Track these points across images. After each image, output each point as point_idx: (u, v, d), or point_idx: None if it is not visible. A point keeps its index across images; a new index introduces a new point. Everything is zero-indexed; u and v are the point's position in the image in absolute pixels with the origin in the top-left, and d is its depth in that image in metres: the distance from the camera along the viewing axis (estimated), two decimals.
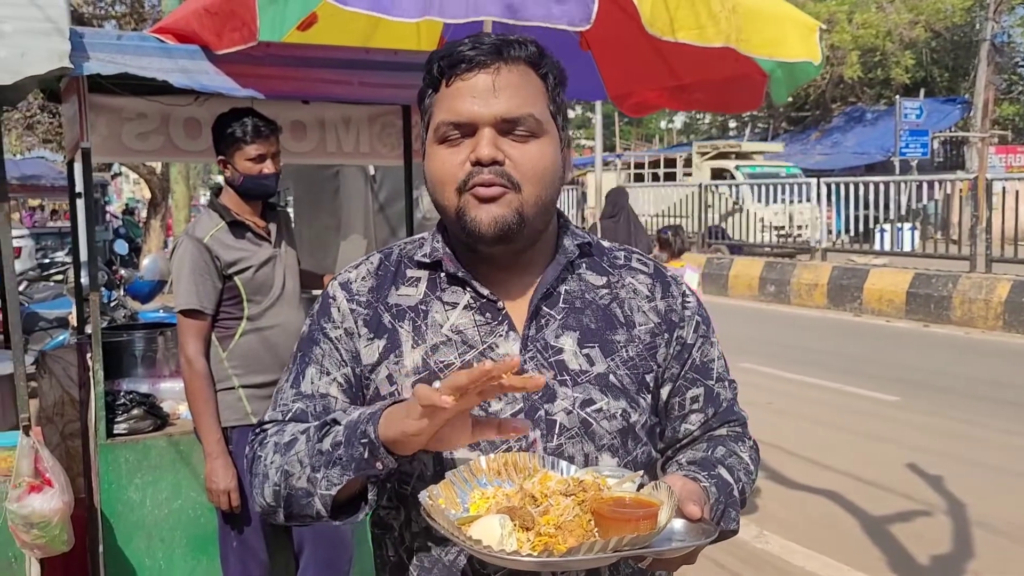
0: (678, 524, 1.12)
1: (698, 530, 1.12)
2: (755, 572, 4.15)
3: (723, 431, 1.42)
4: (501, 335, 1.28)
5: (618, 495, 1.11)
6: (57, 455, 3.39)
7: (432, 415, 1.05)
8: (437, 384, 1.09)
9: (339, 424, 1.18)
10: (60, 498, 2.73)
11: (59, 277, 10.91)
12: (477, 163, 1.21)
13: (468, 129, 1.22)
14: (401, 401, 1.14)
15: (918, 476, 5.42)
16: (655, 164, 25.78)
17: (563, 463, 1.20)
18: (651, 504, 1.08)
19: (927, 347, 9.64)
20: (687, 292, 1.40)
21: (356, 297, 1.33)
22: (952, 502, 4.99)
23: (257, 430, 1.34)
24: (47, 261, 13.35)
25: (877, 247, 13.79)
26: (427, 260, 1.33)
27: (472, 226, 1.22)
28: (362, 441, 1.12)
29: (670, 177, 23.08)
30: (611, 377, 1.29)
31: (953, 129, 19.92)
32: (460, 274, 1.29)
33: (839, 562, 4.23)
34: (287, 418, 1.32)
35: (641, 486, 1.15)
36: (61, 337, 6.81)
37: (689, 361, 1.37)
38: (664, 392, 1.37)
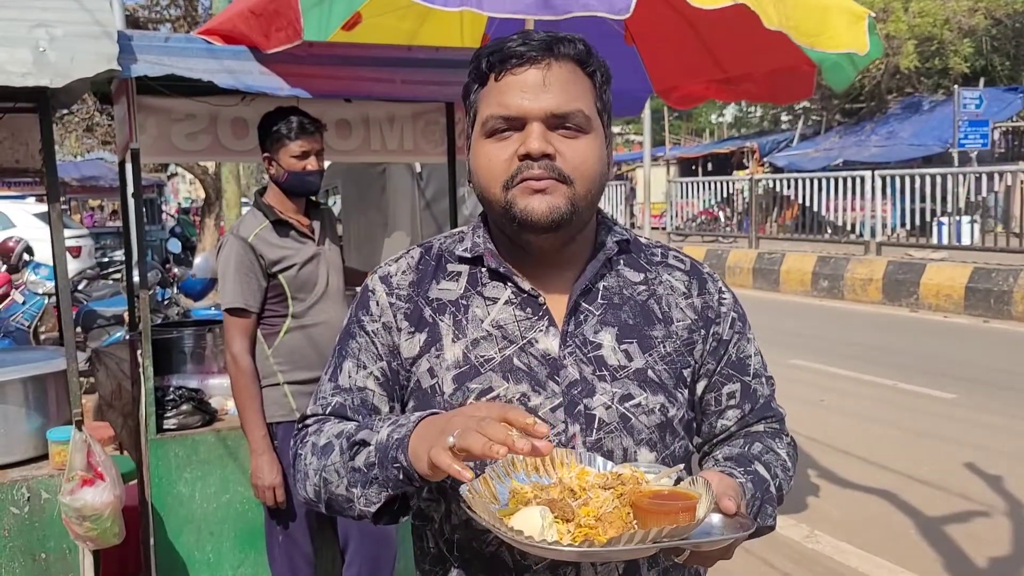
0: (715, 518, 1.13)
1: (735, 524, 1.13)
2: (806, 573, 4.07)
3: (760, 427, 1.42)
4: (541, 330, 1.29)
5: (657, 488, 1.12)
6: (124, 435, 3.47)
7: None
8: (472, 393, 1.14)
9: (369, 445, 1.19)
10: (111, 491, 2.79)
11: (117, 275, 11.17)
12: (527, 156, 1.21)
13: (517, 123, 1.23)
14: (433, 414, 1.16)
15: (975, 475, 5.28)
16: (706, 159, 25.55)
17: (599, 459, 1.21)
18: (690, 497, 1.09)
19: (986, 343, 9.38)
20: (723, 289, 1.41)
21: (396, 291, 1.34)
22: (1011, 502, 4.85)
23: (299, 426, 1.37)
24: (106, 260, 13.66)
25: (935, 241, 13.44)
26: (468, 255, 1.34)
27: (524, 215, 1.23)
28: (395, 466, 1.15)
29: (721, 171, 22.83)
30: (649, 372, 1.30)
31: (1015, 119, 19.35)
32: (502, 269, 1.31)
33: (893, 563, 4.14)
34: (327, 412, 1.34)
35: (679, 481, 1.15)
36: (118, 334, 6.98)
37: (725, 357, 1.38)
38: (700, 387, 1.38)
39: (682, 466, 1.20)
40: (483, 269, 1.33)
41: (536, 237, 1.26)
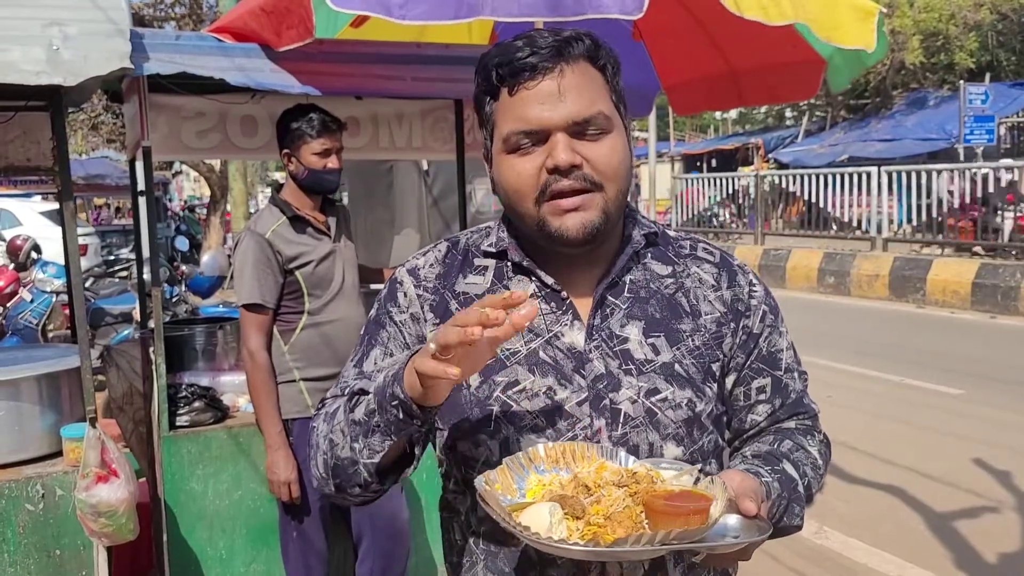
0: (733, 520, 1.11)
1: (753, 527, 1.11)
2: (815, 568, 4.08)
3: (791, 423, 1.40)
4: (566, 324, 1.29)
5: (672, 488, 1.11)
6: (133, 441, 3.49)
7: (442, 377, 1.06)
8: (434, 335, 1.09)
9: (367, 393, 1.20)
10: (126, 488, 2.80)
11: (124, 273, 11.20)
12: (555, 170, 1.21)
13: (540, 136, 1.22)
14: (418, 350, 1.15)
15: (984, 471, 5.28)
16: (711, 155, 25.48)
17: (622, 454, 1.20)
18: (704, 498, 1.08)
19: (994, 339, 9.37)
20: (754, 281, 1.39)
21: (424, 283, 1.35)
22: (1019, 498, 4.85)
23: (319, 406, 1.38)
24: (112, 258, 13.69)
25: (941, 237, 13.41)
26: (493, 250, 1.34)
27: (559, 233, 1.23)
28: (392, 404, 1.14)
29: (726, 167, 22.78)
30: (676, 367, 1.28)
31: (1020, 114, 19.27)
32: (525, 263, 1.31)
33: (902, 559, 4.14)
34: (345, 395, 1.33)
35: (699, 479, 1.14)
36: (126, 332, 6.99)
37: (755, 351, 1.36)
38: (729, 382, 1.36)
39: (700, 465, 1.19)
40: (508, 263, 1.33)
41: (572, 250, 1.26)
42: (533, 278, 1.31)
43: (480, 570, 1.30)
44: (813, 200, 15.48)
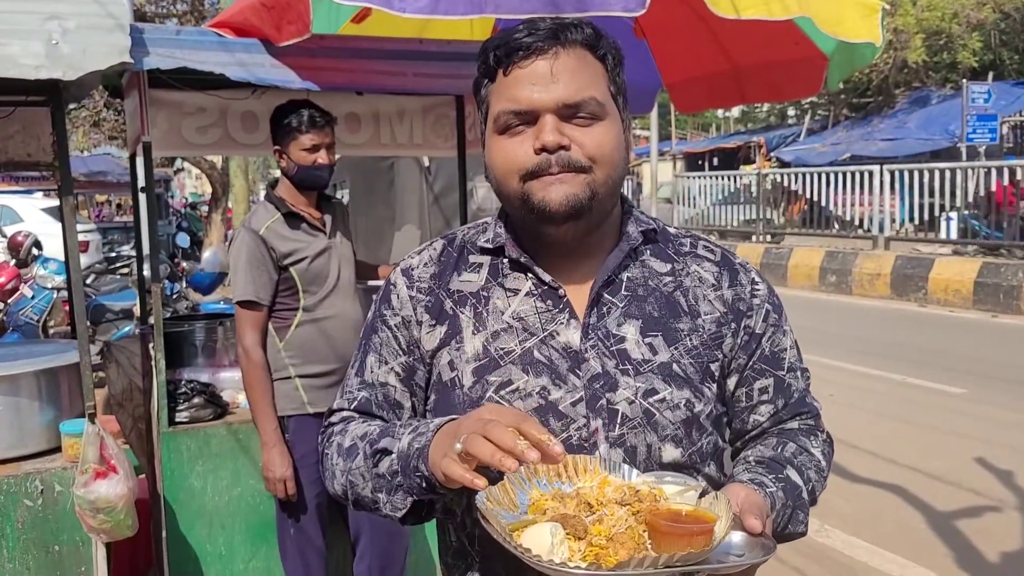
0: (736, 537, 1.09)
1: (757, 545, 1.09)
2: (817, 567, 4.07)
3: (794, 424, 1.38)
4: (562, 323, 1.26)
5: (675, 507, 1.09)
6: (132, 437, 3.49)
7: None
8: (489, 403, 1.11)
9: (391, 453, 1.20)
10: (125, 484, 2.79)
11: (125, 270, 11.20)
12: (542, 150, 1.19)
13: (529, 117, 1.21)
14: (452, 420, 1.16)
15: (986, 470, 5.27)
16: (713, 153, 25.45)
17: (625, 467, 1.18)
18: (707, 519, 1.06)
19: (995, 338, 9.36)
20: (756, 280, 1.36)
21: (417, 284, 1.33)
22: (1021, 497, 4.84)
23: (326, 421, 1.38)
24: (113, 255, 13.71)
25: (943, 235, 13.40)
26: (490, 245, 1.32)
27: (541, 206, 1.21)
28: (416, 475, 1.16)
29: (727, 166, 22.76)
30: (674, 367, 1.26)
31: (1023, 113, 19.25)
32: (522, 260, 1.29)
33: (903, 558, 4.13)
34: (352, 407, 1.35)
35: (704, 493, 1.12)
36: (127, 328, 6.99)
37: (758, 351, 1.33)
38: (731, 383, 1.33)
39: (704, 483, 1.16)
40: (504, 260, 1.31)
41: (556, 229, 1.23)
42: (529, 275, 1.29)
43: (475, 573, 1.29)
44: (815, 199, 15.47)
